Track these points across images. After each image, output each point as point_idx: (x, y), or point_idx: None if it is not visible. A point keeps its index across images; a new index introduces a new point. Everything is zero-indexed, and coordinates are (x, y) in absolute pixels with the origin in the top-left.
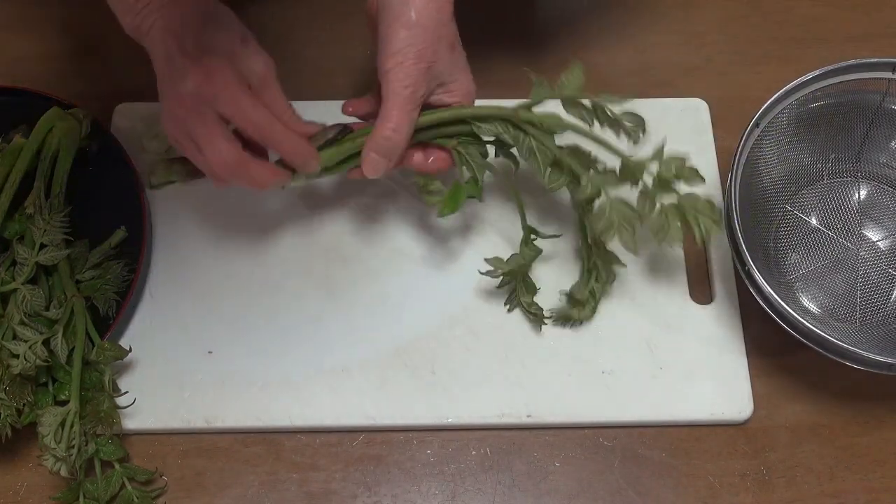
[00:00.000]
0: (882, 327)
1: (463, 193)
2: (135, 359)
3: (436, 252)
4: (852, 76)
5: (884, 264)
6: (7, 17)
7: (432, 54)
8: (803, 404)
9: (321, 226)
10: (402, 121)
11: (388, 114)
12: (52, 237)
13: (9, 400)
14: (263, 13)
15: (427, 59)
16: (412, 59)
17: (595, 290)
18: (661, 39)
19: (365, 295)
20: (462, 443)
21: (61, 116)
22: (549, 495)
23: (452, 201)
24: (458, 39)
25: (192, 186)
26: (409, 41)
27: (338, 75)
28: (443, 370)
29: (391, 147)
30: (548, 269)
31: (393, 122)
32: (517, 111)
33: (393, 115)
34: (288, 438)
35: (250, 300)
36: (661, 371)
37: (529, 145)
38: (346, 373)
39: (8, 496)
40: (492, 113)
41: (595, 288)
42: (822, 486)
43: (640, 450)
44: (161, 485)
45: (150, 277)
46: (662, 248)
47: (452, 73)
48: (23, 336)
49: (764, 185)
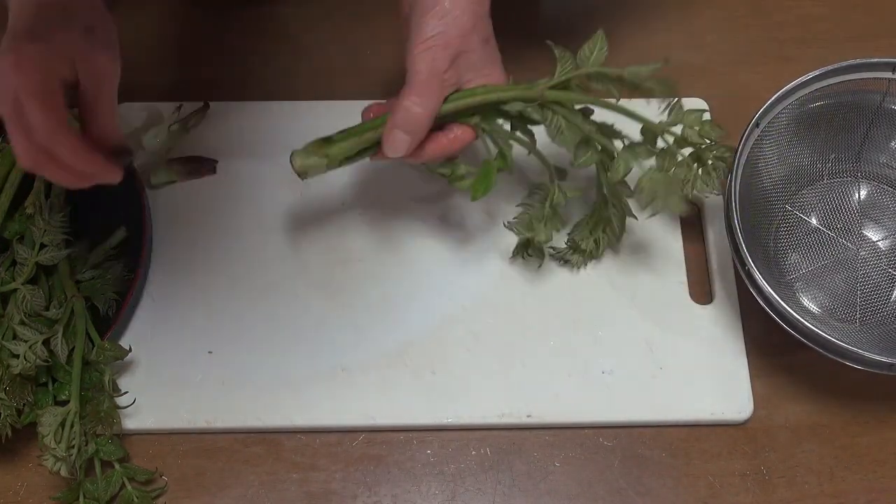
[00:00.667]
0: (882, 327)
1: (494, 171)
2: (135, 359)
3: (436, 252)
4: (852, 76)
5: (884, 264)
6: (7, 17)
7: (462, 44)
8: (803, 404)
9: (321, 226)
10: (425, 94)
11: (411, 88)
12: (52, 237)
13: (9, 400)
14: (271, 14)
15: (456, 47)
16: (441, 45)
17: (600, 241)
18: (661, 39)
19: (365, 295)
20: (462, 443)
21: None
22: (549, 495)
23: (485, 181)
24: (493, 36)
25: (192, 186)
26: (440, 29)
27: (346, 76)
28: (443, 370)
29: (413, 120)
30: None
31: (416, 96)
32: (543, 93)
33: (416, 89)
34: (288, 438)
35: (250, 300)
36: (661, 371)
37: (558, 124)
38: (346, 373)
39: (8, 496)
40: (519, 95)
41: (601, 238)
42: (822, 486)
43: (640, 450)
44: (161, 485)
45: (150, 277)
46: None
47: (484, 68)
48: (23, 336)
49: (764, 185)
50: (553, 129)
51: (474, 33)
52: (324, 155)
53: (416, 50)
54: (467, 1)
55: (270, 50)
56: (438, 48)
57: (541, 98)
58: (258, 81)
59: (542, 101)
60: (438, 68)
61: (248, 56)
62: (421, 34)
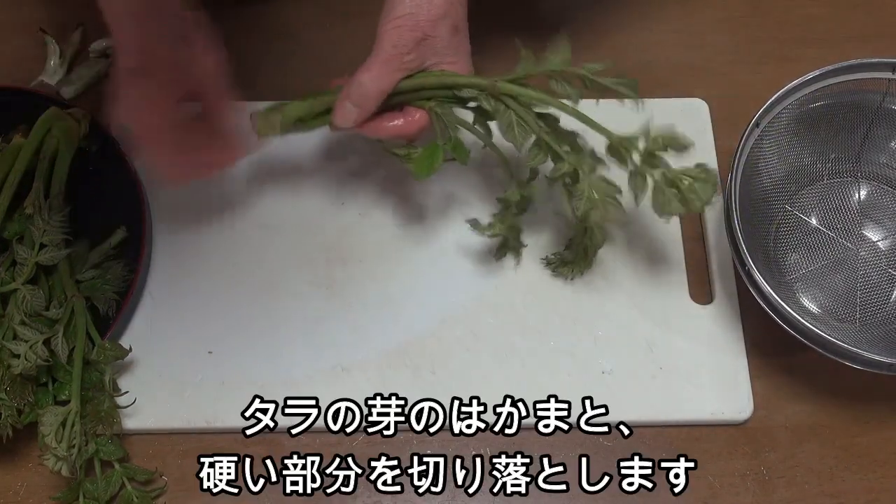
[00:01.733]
0: (882, 327)
1: (439, 152)
2: (135, 359)
3: (436, 252)
4: (852, 76)
5: (884, 264)
6: (6, 17)
7: (431, 28)
8: (803, 404)
9: (321, 226)
10: (381, 72)
11: (368, 64)
12: (52, 237)
13: (9, 400)
14: (267, 12)
15: (424, 30)
16: (408, 26)
17: (589, 248)
18: (661, 39)
19: (365, 295)
20: (462, 443)
21: (60, 116)
22: (550, 495)
23: (428, 161)
24: (465, 26)
25: (192, 186)
26: (411, 10)
27: (344, 75)
28: (443, 370)
29: (364, 94)
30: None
31: (372, 72)
32: (496, 82)
33: (373, 66)
34: (288, 438)
35: (250, 300)
36: (661, 371)
37: (509, 119)
38: (346, 373)
39: (8, 496)
40: (473, 83)
41: (588, 245)
42: (822, 486)
43: (640, 450)
44: (161, 485)
45: (150, 277)
46: (662, 241)
47: (450, 55)
48: (23, 336)
49: (764, 185)
50: (504, 123)
51: (445, 19)
52: (280, 114)
53: (384, 27)
54: None
55: (269, 49)
56: (405, 28)
57: (493, 89)
58: (257, 80)
59: (494, 92)
60: (401, 49)
61: (248, 55)
62: (392, 12)
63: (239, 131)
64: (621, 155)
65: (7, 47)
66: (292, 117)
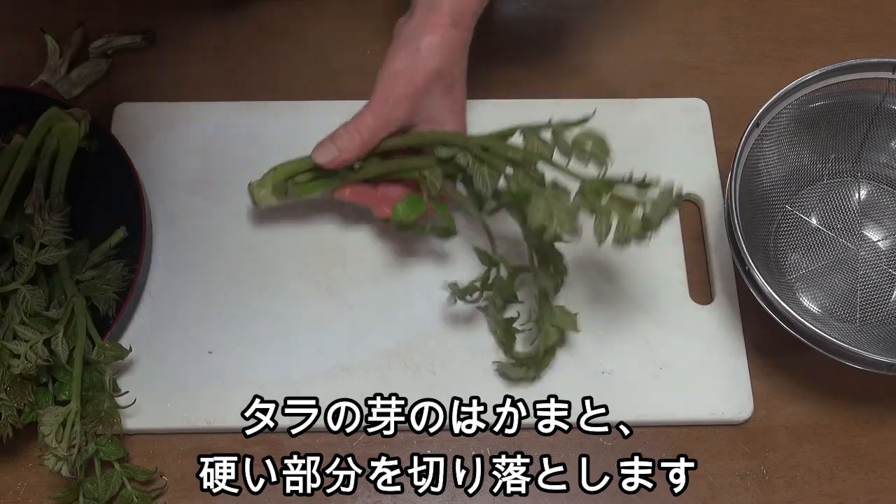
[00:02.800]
0: (882, 327)
1: (422, 205)
2: (135, 359)
3: (436, 252)
4: (852, 76)
5: (884, 264)
6: (6, 17)
7: (425, 85)
8: (803, 404)
9: (321, 226)
10: (369, 123)
11: (359, 113)
12: (52, 237)
13: (10, 400)
14: (270, 12)
15: (418, 87)
16: (402, 83)
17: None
18: (661, 39)
19: (365, 295)
20: (462, 443)
21: (60, 116)
22: (550, 495)
23: (409, 207)
24: (463, 85)
25: (192, 186)
26: (407, 66)
27: (344, 75)
28: (443, 370)
29: (347, 140)
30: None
31: (359, 121)
32: (470, 139)
33: (364, 116)
34: (288, 438)
35: (250, 300)
36: (661, 371)
37: (482, 172)
38: (346, 373)
39: (8, 496)
40: (447, 139)
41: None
42: (822, 486)
43: (640, 450)
44: (161, 485)
45: (150, 277)
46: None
47: (441, 115)
48: (23, 336)
49: (764, 185)
50: (478, 177)
51: (441, 79)
52: (271, 175)
53: (379, 78)
54: (440, 45)
55: (270, 49)
56: (399, 86)
57: (468, 144)
58: (257, 80)
59: (469, 146)
60: (392, 110)
61: (247, 55)
62: (390, 65)
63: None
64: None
65: (7, 47)
66: (283, 175)
